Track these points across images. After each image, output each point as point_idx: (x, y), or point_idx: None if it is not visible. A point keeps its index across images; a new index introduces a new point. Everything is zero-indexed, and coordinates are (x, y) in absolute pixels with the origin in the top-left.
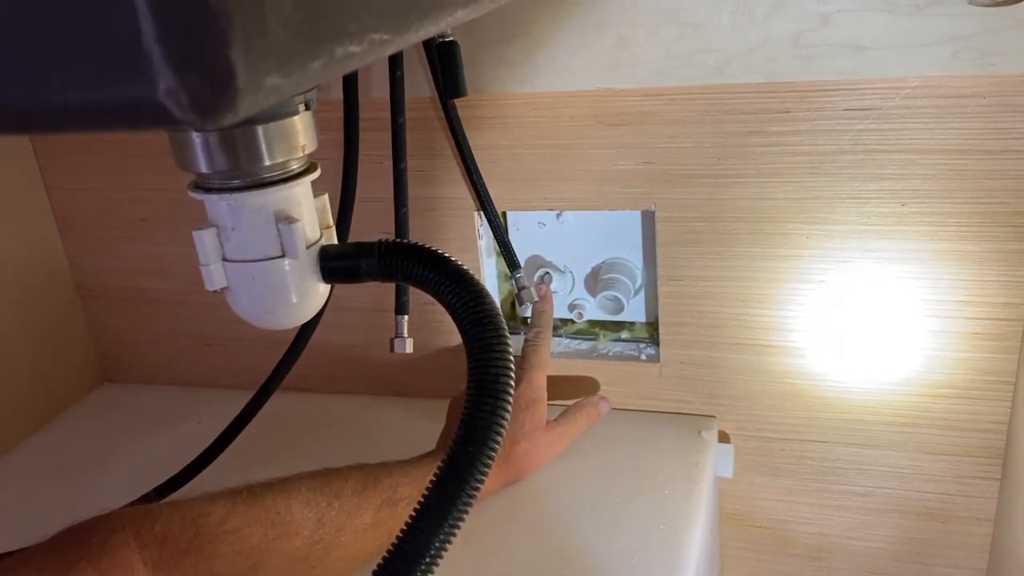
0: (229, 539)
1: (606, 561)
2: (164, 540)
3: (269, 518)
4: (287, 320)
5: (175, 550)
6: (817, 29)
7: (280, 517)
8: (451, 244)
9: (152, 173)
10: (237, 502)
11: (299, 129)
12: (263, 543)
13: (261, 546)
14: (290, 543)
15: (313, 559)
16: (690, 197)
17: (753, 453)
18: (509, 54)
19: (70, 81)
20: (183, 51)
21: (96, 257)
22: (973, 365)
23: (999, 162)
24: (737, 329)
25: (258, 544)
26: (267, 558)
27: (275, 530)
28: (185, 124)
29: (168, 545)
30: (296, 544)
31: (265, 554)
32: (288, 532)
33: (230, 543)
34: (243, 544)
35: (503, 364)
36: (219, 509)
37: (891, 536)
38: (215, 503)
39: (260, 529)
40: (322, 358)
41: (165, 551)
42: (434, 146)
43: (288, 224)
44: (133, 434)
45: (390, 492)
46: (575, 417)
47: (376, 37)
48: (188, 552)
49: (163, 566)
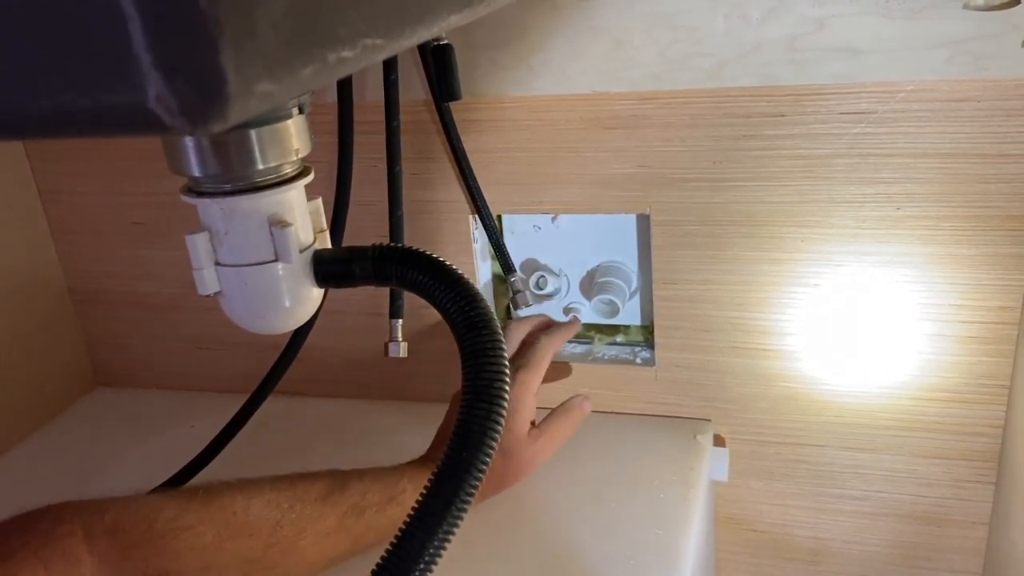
0: (181, 535)
1: (602, 565)
2: (114, 532)
3: (224, 518)
4: (280, 324)
5: (125, 543)
6: (812, 33)
7: (235, 518)
8: (446, 248)
9: (145, 177)
10: (193, 500)
11: (292, 133)
12: (215, 542)
13: (214, 545)
14: (244, 544)
15: (269, 561)
16: (685, 201)
17: (748, 457)
18: (504, 58)
19: (61, 87)
20: (173, 58)
21: (89, 261)
22: (968, 369)
23: (994, 166)
24: (732, 333)
25: (210, 543)
26: (219, 557)
27: (228, 530)
28: (175, 130)
29: (118, 537)
30: (251, 544)
31: (218, 553)
32: (243, 533)
33: (182, 539)
34: (195, 542)
35: (497, 368)
36: (173, 506)
37: (887, 540)
38: (170, 499)
39: (213, 528)
40: (316, 362)
41: (114, 543)
42: (429, 149)
43: (281, 228)
44: (127, 438)
45: (358, 498)
46: (558, 423)
47: (369, 42)
48: (138, 546)
49: (110, 558)
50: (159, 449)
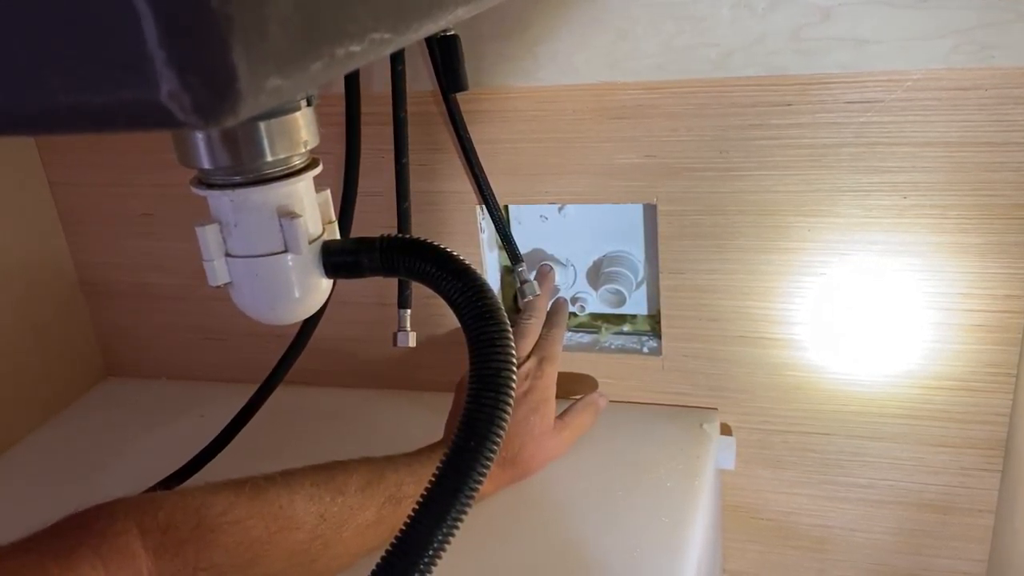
0: (231, 530)
1: (608, 554)
2: (167, 528)
3: (271, 512)
4: (290, 315)
5: (176, 539)
6: (818, 23)
7: (282, 511)
8: (453, 238)
9: (155, 169)
10: (240, 494)
11: (301, 125)
12: (264, 536)
13: (262, 538)
14: (291, 537)
15: (314, 553)
16: (692, 190)
17: (755, 446)
18: (510, 48)
19: (74, 85)
20: (185, 55)
21: (99, 253)
22: (974, 357)
23: (1000, 155)
24: (739, 322)
25: (259, 536)
26: (268, 550)
27: (276, 523)
28: (187, 126)
29: (170, 533)
30: (298, 538)
31: (266, 546)
32: (289, 526)
33: (231, 534)
34: (244, 536)
35: (505, 358)
36: (222, 500)
37: (893, 528)
38: (218, 494)
39: (262, 522)
40: (325, 352)
41: (167, 539)
42: (436, 140)
43: (290, 219)
44: (136, 428)
45: (394, 490)
46: (580, 417)
47: (376, 36)
48: (189, 541)
49: (164, 554)
50: (169, 438)
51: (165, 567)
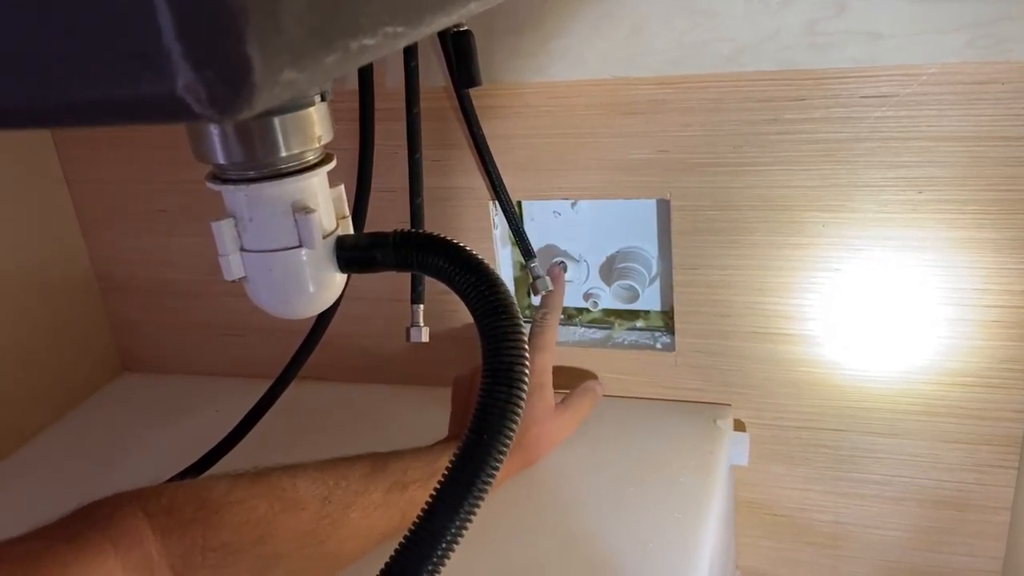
0: (235, 509)
1: (621, 549)
2: (170, 511)
3: (274, 492)
4: (304, 310)
5: (182, 520)
6: (832, 17)
7: (285, 492)
8: (466, 234)
9: (170, 165)
10: (241, 478)
11: (315, 120)
12: (269, 514)
13: (267, 517)
14: (296, 516)
15: (322, 534)
16: (705, 186)
17: (768, 442)
18: (523, 44)
19: (91, 78)
20: (201, 48)
21: (115, 249)
22: (990, 353)
23: (1017, 149)
24: (752, 318)
25: (264, 515)
26: (274, 530)
27: (280, 503)
28: (203, 118)
29: (175, 515)
30: (303, 518)
31: (272, 525)
32: (293, 506)
33: (236, 513)
34: (249, 515)
35: (517, 352)
36: (223, 484)
37: (907, 524)
38: (219, 479)
39: (265, 502)
40: (339, 347)
41: (172, 521)
42: (449, 136)
43: (305, 214)
44: (152, 423)
45: (399, 475)
46: (581, 400)
47: (390, 30)
48: (195, 521)
49: (171, 535)
50: (184, 433)
51: (173, 547)
